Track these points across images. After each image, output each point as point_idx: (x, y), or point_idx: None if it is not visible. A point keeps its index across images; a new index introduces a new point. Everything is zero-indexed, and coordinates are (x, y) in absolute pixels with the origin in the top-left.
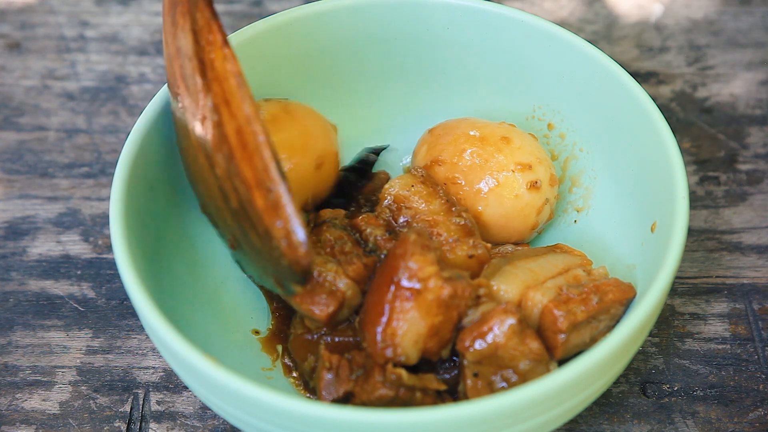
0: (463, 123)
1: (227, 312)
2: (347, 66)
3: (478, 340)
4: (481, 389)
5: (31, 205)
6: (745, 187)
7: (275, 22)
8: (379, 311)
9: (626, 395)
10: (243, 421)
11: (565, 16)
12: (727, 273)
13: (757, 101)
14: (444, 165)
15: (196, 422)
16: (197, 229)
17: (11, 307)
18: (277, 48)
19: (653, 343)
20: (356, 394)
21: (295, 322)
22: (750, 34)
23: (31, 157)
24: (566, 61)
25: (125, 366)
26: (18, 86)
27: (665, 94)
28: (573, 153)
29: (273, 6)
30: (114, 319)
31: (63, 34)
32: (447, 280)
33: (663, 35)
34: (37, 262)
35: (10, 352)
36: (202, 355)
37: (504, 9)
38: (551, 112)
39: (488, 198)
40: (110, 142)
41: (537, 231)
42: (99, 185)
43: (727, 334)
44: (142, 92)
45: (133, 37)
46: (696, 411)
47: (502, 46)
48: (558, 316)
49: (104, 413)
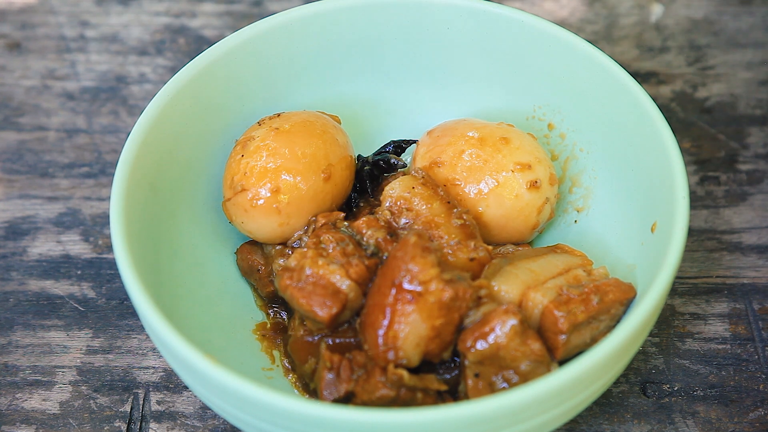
0: (462, 124)
1: (227, 312)
2: (347, 66)
3: (480, 341)
4: (482, 389)
5: (31, 205)
6: (745, 187)
7: (275, 22)
8: (380, 314)
9: (626, 395)
10: (243, 421)
11: (565, 16)
12: (727, 273)
13: (757, 101)
14: (443, 166)
15: (196, 422)
16: (197, 229)
17: (11, 307)
18: (277, 48)
19: (653, 343)
20: (357, 394)
21: (294, 324)
22: (750, 34)
23: (31, 157)
24: (566, 61)
25: (125, 366)
26: (18, 86)
27: (665, 94)
28: (573, 153)
29: (273, 6)
30: (114, 319)
31: (63, 34)
32: (448, 283)
33: (663, 35)
34: (37, 262)
35: (10, 352)
36: (202, 355)
37: (504, 9)
38: (551, 112)
39: (488, 198)
40: (110, 142)
41: (538, 231)
42: (99, 185)
43: (727, 334)
44: (142, 92)
45: (133, 37)
46: (696, 411)
47: (502, 46)
48: (558, 317)
49: (104, 413)
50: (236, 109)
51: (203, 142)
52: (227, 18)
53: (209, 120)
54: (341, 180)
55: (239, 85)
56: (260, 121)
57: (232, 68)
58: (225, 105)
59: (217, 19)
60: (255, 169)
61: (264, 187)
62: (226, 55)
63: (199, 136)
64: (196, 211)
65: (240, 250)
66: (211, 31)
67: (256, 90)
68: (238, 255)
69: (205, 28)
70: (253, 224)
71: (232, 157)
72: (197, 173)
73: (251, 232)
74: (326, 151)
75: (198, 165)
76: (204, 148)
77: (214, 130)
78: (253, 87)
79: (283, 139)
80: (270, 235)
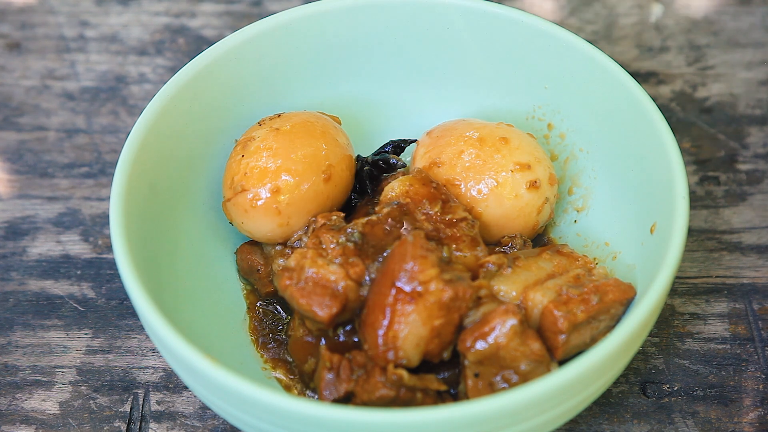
0: (461, 124)
1: (227, 312)
2: (347, 66)
3: (480, 341)
4: (482, 389)
5: (31, 205)
6: (745, 187)
7: (275, 22)
8: (380, 314)
9: (626, 395)
10: (243, 421)
11: (565, 16)
12: (727, 273)
13: (757, 101)
14: (443, 166)
15: (196, 422)
16: (197, 229)
17: (11, 307)
18: (277, 48)
19: (653, 343)
20: (357, 394)
21: (294, 324)
22: (750, 34)
23: (31, 157)
24: (566, 61)
25: (125, 366)
26: (18, 86)
27: (665, 94)
28: (573, 153)
29: (273, 6)
30: (114, 319)
31: (63, 34)
32: (448, 283)
33: (663, 35)
34: (37, 262)
35: (10, 352)
36: (202, 355)
37: (504, 9)
38: (551, 112)
39: (488, 198)
40: (110, 142)
41: (538, 230)
42: (99, 185)
43: (727, 334)
44: (142, 92)
45: (133, 37)
46: (696, 411)
47: (502, 46)
48: (558, 317)
49: (104, 413)
50: (236, 109)
51: (203, 142)
52: (227, 18)
53: (209, 120)
54: (341, 180)
55: (239, 85)
56: (261, 121)
57: (232, 68)
58: (225, 105)
59: (217, 19)
60: (255, 169)
61: (264, 187)
62: (226, 55)
63: (199, 136)
64: (196, 211)
65: (240, 250)
66: (211, 31)
67: (256, 90)
68: (238, 255)
69: (205, 28)
70: (253, 224)
71: (233, 157)
72: (197, 173)
73: (251, 233)
74: (326, 152)
75: (198, 165)
76: (204, 148)
77: (214, 130)
78: (253, 87)
79: (283, 140)
80: (270, 235)
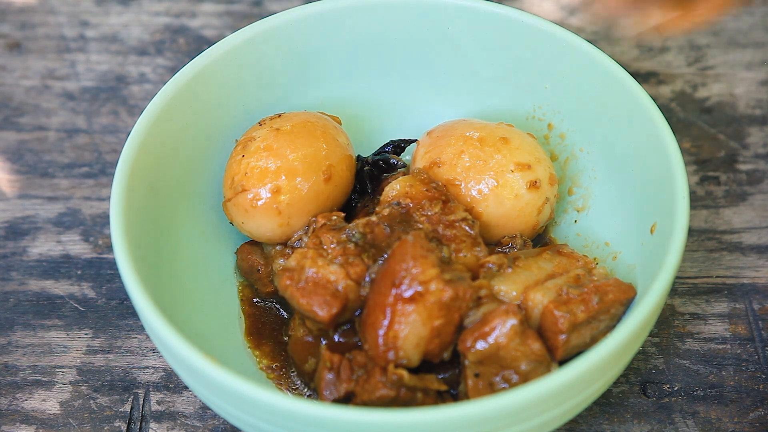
0: (461, 124)
1: (227, 312)
2: (347, 66)
3: (480, 341)
4: (482, 389)
5: (31, 205)
6: (745, 187)
7: (275, 22)
8: (380, 314)
9: (626, 395)
10: (243, 421)
11: (565, 16)
12: (727, 273)
13: (757, 101)
14: (443, 166)
15: (196, 422)
16: (197, 229)
17: (11, 307)
18: (277, 48)
19: (653, 343)
20: (357, 394)
21: (294, 324)
22: (750, 34)
23: (31, 157)
24: (566, 61)
25: (125, 366)
26: (18, 86)
27: (665, 94)
28: (573, 153)
29: (273, 6)
30: (114, 319)
31: (63, 34)
32: (448, 283)
33: (663, 35)
34: (37, 262)
35: (10, 352)
36: (202, 355)
37: (504, 9)
38: (551, 112)
39: (488, 198)
40: (110, 142)
41: (538, 231)
42: (99, 185)
43: (727, 334)
44: (142, 92)
45: (133, 37)
46: (696, 411)
47: (502, 46)
48: (558, 317)
49: (104, 413)
50: (236, 109)
51: (203, 142)
52: (227, 18)
53: (209, 120)
54: (342, 180)
55: (239, 85)
56: (261, 121)
57: (232, 68)
58: (225, 105)
59: (217, 19)
60: (256, 169)
61: (264, 187)
62: (226, 55)
63: (199, 136)
64: (196, 211)
65: (240, 250)
66: (211, 31)
67: (256, 90)
68: (238, 255)
69: (205, 28)
70: (254, 224)
71: (233, 157)
72: (197, 173)
73: (251, 233)
74: (327, 152)
75: (198, 165)
76: (204, 148)
77: (214, 130)
78: (253, 87)
79: (283, 140)
80: (270, 235)
